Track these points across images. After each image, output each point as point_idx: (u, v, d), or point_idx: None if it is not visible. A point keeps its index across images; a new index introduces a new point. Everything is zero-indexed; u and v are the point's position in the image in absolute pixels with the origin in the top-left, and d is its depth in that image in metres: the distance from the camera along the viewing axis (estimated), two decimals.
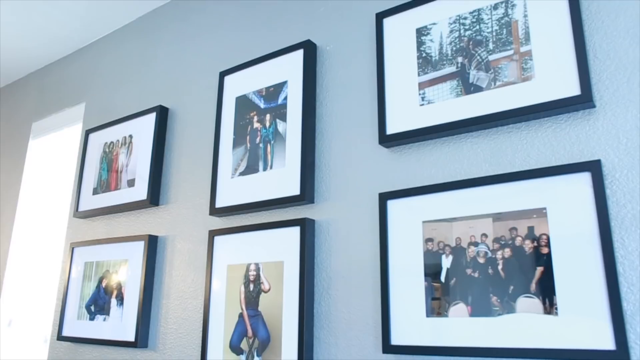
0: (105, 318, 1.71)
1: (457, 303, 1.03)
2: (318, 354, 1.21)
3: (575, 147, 1.00)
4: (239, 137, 1.50)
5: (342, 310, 1.20)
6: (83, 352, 1.78)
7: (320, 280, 1.26)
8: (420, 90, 1.19)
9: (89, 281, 1.81)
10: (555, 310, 0.93)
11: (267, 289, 1.31)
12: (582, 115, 1.01)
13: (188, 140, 1.70)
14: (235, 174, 1.47)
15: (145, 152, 1.77)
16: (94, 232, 1.91)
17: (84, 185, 1.97)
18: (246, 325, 1.33)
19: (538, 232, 0.98)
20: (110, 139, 1.94)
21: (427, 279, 1.08)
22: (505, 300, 0.98)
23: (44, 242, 2.39)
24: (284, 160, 1.37)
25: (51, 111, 2.38)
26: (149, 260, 1.64)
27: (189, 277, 1.54)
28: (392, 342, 1.09)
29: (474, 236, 1.04)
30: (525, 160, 1.05)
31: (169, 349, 1.53)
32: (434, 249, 1.08)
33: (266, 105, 1.47)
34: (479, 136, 1.12)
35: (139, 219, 1.76)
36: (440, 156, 1.16)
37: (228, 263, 1.41)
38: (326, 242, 1.27)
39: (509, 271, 0.99)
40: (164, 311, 1.58)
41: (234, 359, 1.33)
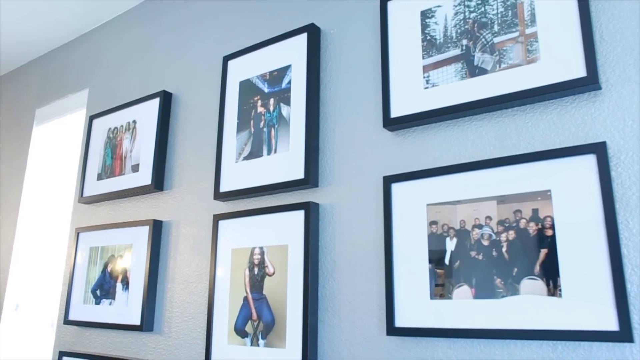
0: (111, 302, 1.72)
1: (461, 285, 1.03)
2: (322, 337, 1.22)
3: (580, 129, 1.00)
4: (243, 121, 1.50)
5: (347, 293, 1.21)
6: (89, 335, 1.80)
7: (325, 264, 1.26)
8: (425, 73, 1.19)
9: (95, 266, 1.82)
10: (559, 292, 0.93)
11: (272, 273, 1.31)
12: (588, 98, 1.00)
13: (192, 125, 1.70)
14: (240, 158, 1.47)
15: (149, 138, 1.77)
16: (98, 218, 1.92)
17: (88, 171, 1.98)
18: (251, 309, 1.34)
19: (542, 214, 0.98)
20: (114, 124, 1.94)
21: (431, 261, 1.08)
22: (509, 282, 0.98)
23: (50, 228, 2.41)
24: (288, 144, 1.37)
25: (54, 97, 2.38)
26: (154, 244, 1.65)
27: (193, 262, 1.55)
28: (396, 325, 1.09)
29: (478, 219, 1.04)
30: (529, 143, 1.05)
31: (175, 333, 1.54)
32: (438, 231, 1.09)
33: (270, 90, 1.47)
34: (483, 119, 1.11)
35: (143, 204, 1.77)
36: (444, 139, 1.15)
37: (232, 247, 1.42)
38: (330, 226, 1.28)
39: (513, 253, 0.99)
40: (169, 295, 1.59)
41: (238, 342, 1.34)
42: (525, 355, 0.96)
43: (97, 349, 1.75)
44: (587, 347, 0.91)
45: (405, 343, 1.10)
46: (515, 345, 0.98)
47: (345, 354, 1.18)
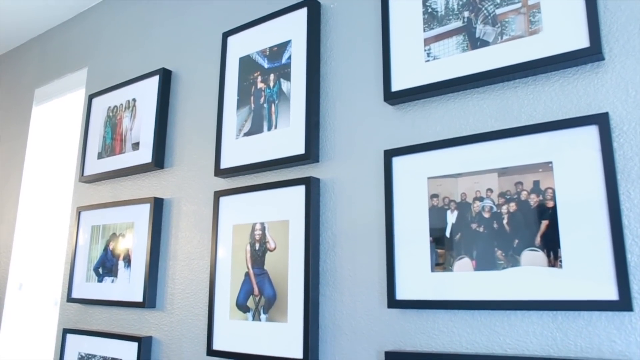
0: (113, 280, 1.73)
1: (462, 258, 1.04)
2: (324, 310, 1.23)
3: (582, 100, 0.99)
4: (243, 97, 1.49)
5: (348, 267, 1.21)
6: (92, 313, 1.81)
7: (326, 238, 1.26)
8: (426, 46, 1.17)
9: (96, 244, 1.83)
10: (559, 262, 0.94)
11: (273, 248, 1.32)
12: (591, 69, 0.99)
13: (192, 102, 1.69)
14: (240, 134, 1.47)
15: (149, 115, 1.77)
16: (99, 196, 1.92)
17: (88, 150, 1.97)
18: (252, 284, 1.34)
19: (544, 186, 0.97)
20: (114, 103, 1.93)
21: (432, 234, 1.08)
22: (509, 254, 0.99)
23: (51, 208, 2.41)
24: (288, 119, 1.36)
25: (53, 77, 2.37)
26: (155, 222, 1.65)
27: (195, 238, 1.56)
28: (397, 297, 1.10)
29: (479, 191, 1.04)
30: (531, 115, 1.04)
31: (177, 309, 1.55)
32: (439, 204, 1.09)
33: (270, 65, 1.45)
34: (485, 92, 1.11)
35: (144, 182, 1.77)
36: (445, 113, 1.15)
37: (234, 223, 1.42)
38: (331, 201, 1.28)
39: (514, 225, 0.99)
40: (171, 272, 1.60)
41: (240, 317, 1.35)
42: (526, 326, 0.97)
43: (101, 326, 1.77)
44: (586, 317, 0.92)
45: (406, 315, 1.11)
46: (516, 316, 0.98)
47: (347, 327, 1.19)
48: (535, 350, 0.96)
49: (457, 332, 1.04)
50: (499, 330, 1.00)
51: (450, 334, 1.05)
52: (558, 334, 0.94)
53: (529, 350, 0.96)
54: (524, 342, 0.97)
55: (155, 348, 1.58)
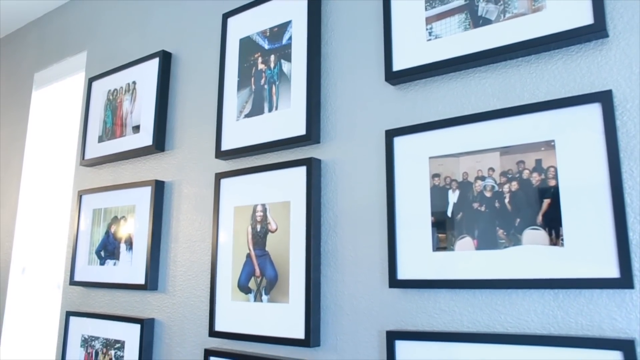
0: (116, 263, 1.74)
1: (464, 237, 1.04)
2: (325, 291, 1.23)
3: (586, 78, 0.98)
4: (244, 79, 1.48)
5: (349, 247, 1.22)
6: (95, 295, 1.82)
7: (327, 219, 1.26)
8: (428, 25, 1.16)
9: (98, 227, 1.83)
10: (561, 241, 0.93)
11: (274, 229, 1.32)
12: (595, 46, 0.98)
13: (192, 84, 1.68)
14: (241, 116, 1.46)
15: (150, 98, 1.76)
16: (100, 180, 1.92)
17: (89, 133, 1.97)
18: (254, 265, 1.35)
19: (546, 164, 0.97)
20: (114, 86, 1.92)
21: (434, 214, 1.08)
22: (511, 233, 0.98)
23: (53, 191, 2.42)
24: (289, 100, 1.36)
25: (53, 61, 2.35)
26: (156, 205, 1.65)
27: (196, 221, 1.56)
28: (398, 277, 1.10)
29: (480, 170, 1.04)
30: (534, 94, 1.03)
31: (179, 291, 1.56)
32: (441, 184, 1.08)
33: (270, 46, 1.44)
34: (487, 70, 1.10)
35: (145, 165, 1.77)
36: (447, 92, 1.14)
37: (235, 205, 1.42)
38: (332, 181, 1.27)
39: (516, 204, 0.99)
40: (172, 254, 1.60)
41: (242, 298, 1.35)
42: (527, 305, 0.97)
43: (104, 309, 1.78)
44: (587, 295, 0.92)
45: (407, 295, 1.11)
46: (517, 295, 0.98)
47: (348, 307, 1.19)
48: (536, 329, 0.96)
49: (459, 311, 1.05)
50: (500, 308, 1.00)
51: (452, 313, 1.05)
52: (559, 312, 0.94)
53: (530, 328, 0.97)
54: (525, 321, 0.97)
55: (158, 330, 1.59)
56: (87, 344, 1.76)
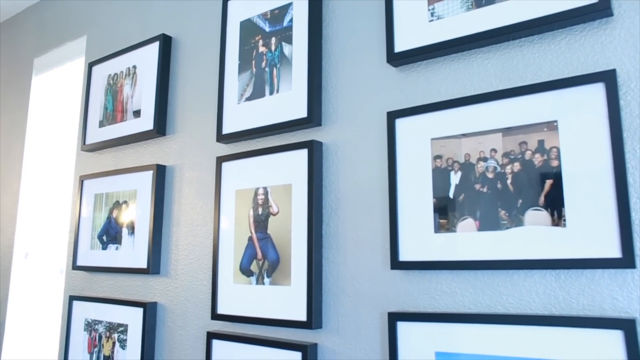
0: (118, 247, 1.74)
1: (465, 218, 1.03)
2: (327, 273, 1.24)
3: (589, 58, 0.97)
4: (245, 62, 1.47)
5: (351, 230, 1.22)
6: (98, 280, 1.83)
7: (329, 202, 1.26)
8: (430, 6, 1.15)
9: (100, 212, 1.84)
10: (563, 222, 0.93)
11: (276, 212, 1.32)
12: (599, 25, 0.97)
13: (193, 68, 1.67)
14: (242, 99, 1.45)
15: (150, 82, 1.75)
16: (102, 165, 1.92)
17: (89, 118, 1.96)
18: (256, 248, 1.35)
19: (548, 145, 0.97)
20: (114, 70, 1.91)
21: (436, 195, 1.08)
22: (513, 214, 0.98)
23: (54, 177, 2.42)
24: (290, 83, 1.35)
25: (52, 46, 2.34)
26: (158, 189, 1.65)
27: (198, 205, 1.56)
28: (400, 259, 1.10)
29: (483, 152, 1.03)
30: (537, 74, 1.02)
31: (181, 275, 1.56)
32: (443, 165, 1.08)
33: (271, 29, 1.43)
34: (489, 51, 1.09)
35: (146, 149, 1.76)
36: (449, 73, 1.13)
37: (236, 188, 1.42)
38: (334, 164, 1.27)
39: (518, 185, 0.98)
40: (174, 239, 1.60)
41: (244, 281, 1.36)
42: (528, 285, 0.97)
43: (106, 293, 1.79)
44: (589, 275, 0.92)
45: (409, 276, 1.11)
46: (519, 276, 0.99)
47: (350, 289, 1.19)
48: (537, 309, 0.96)
49: (460, 293, 1.05)
50: (502, 289, 1.00)
51: (453, 294, 1.06)
52: (560, 293, 0.94)
53: (531, 309, 0.97)
54: (527, 301, 0.97)
55: (160, 313, 1.60)
56: (90, 327, 1.77)
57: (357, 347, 1.17)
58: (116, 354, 1.66)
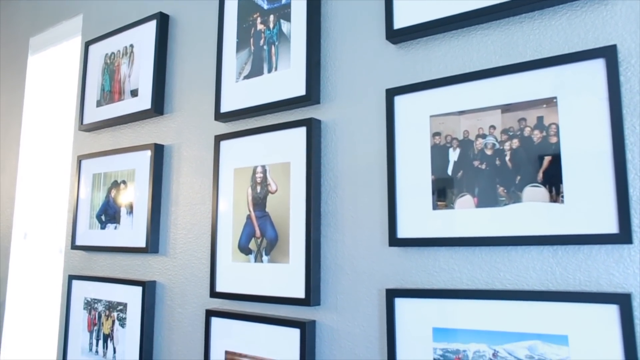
0: (116, 226, 1.74)
1: (464, 195, 1.04)
2: (325, 251, 1.24)
3: (590, 34, 0.97)
4: (243, 40, 1.46)
5: (349, 208, 1.22)
6: (97, 259, 1.84)
7: (327, 180, 1.26)
8: None
9: (98, 192, 1.84)
10: (561, 198, 0.93)
11: (274, 190, 1.32)
12: (600, 1, 0.96)
13: (190, 46, 1.66)
14: (240, 77, 1.44)
15: (147, 61, 1.74)
16: (100, 145, 1.91)
17: (87, 98, 1.95)
18: (254, 226, 1.35)
19: (547, 121, 0.96)
20: (111, 49, 1.90)
21: (434, 172, 1.08)
22: (511, 191, 0.98)
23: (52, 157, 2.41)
24: (288, 61, 1.34)
25: (48, 25, 2.31)
26: (156, 168, 1.65)
27: (196, 184, 1.56)
28: (398, 236, 1.11)
29: (482, 128, 1.03)
30: (537, 51, 1.02)
31: (180, 253, 1.57)
32: (441, 142, 1.08)
33: (269, 6, 1.42)
34: (489, 27, 1.08)
35: (144, 129, 1.76)
36: (449, 50, 1.12)
37: (235, 167, 1.42)
38: (333, 142, 1.27)
39: (517, 162, 0.98)
40: (173, 218, 1.61)
41: (242, 259, 1.36)
42: (526, 261, 0.98)
43: (105, 272, 1.79)
44: (586, 251, 0.93)
45: (407, 253, 1.12)
46: (516, 252, 0.99)
47: (348, 267, 1.20)
48: (534, 285, 0.97)
49: (458, 269, 1.05)
50: (499, 266, 1.01)
51: (451, 270, 1.06)
52: (557, 269, 0.95)
53: (528, 284, 0.97)
54: (524, 277, 0.98)
55: (159, 292, 1.61)
56: (90, 306, 1.78)
57: (355, 324, 1.18)
58: (116, 332, 1.68)
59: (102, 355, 1.70)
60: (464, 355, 1.00)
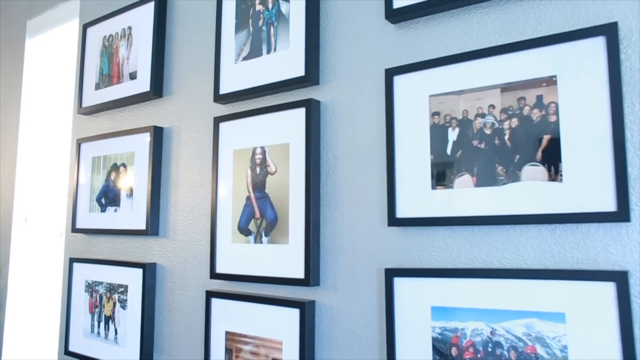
0: (116, 209, 1.75)
1: (463, 174, 1.04)
2: (325, 231, 1.25)
3: (591, 11, 0.96)
4: (241, 21, 1.45)
5: (348, 188, 1.22)
6: (97, 242, 1.84)
7: (327, 161, 1.26)
8: None
9: (98, 175, 1.84)
10: (560, 177, 0.94)
11: (274, 171, 1.32)
12: None
13: (189, 28, 1.65)
14: (239, 59, 1.44)
15: (146, 43, 1.73)
16: (99, 128, 1.91)
17: (85, 81, 1.94)
18: (254, 208, 1.35)
19: (547, 100, 0.96)
20: (109, 32, 1.89)
21: (433, 152, 1.08)
22: (510, 170, 0.98)
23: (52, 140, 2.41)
24: (287, 41, 1.33)
25: (45, 7, 2.30)
26: (156, 151, 1.65)
27: (195, 166, 1.56)
28: (397, 216, 1.11)
29: (481, 108, 1.03)
30: (537, 29, 1.01)
31: (180, 235, 1.57)
32: (441, 122, 1.08)
33: None
34: (489, 6, 1.07)
35: (143, 111, 1.75)
36: (448, 29, 1.12)
37: (234, 148, 1.42)
38: (332, 123, 1.26)
39: (516, 141, 0.98)
40: (173, 200, 1.61)
41: (242, 240, 1.37)
42: (524, 240, 0.98)
43: (106, 254, 1.80)
44: (584, 230, 0.93)
45: (406, 233, 1.12)
46: (515, 231, 0.99)
47: (347, 247, 1.21)
48: (532, 264, 0.97)
49: (456, 248, 1.06)
50: (498, 245, 1.01)
51: (450, 250, 1.07)
52: (555, 247, 0.95)
53: (526, 263, 0.98)
54: (522, 256, 0.99)
55: (160, 274, 1.62)
56: (91, 289, 1.79)
57: (355, 304, 1.19)
58: (117, 314, 1.69)
59: (104, 336, 1.72)
60: (462, 334, 1.01)
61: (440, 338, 1.03)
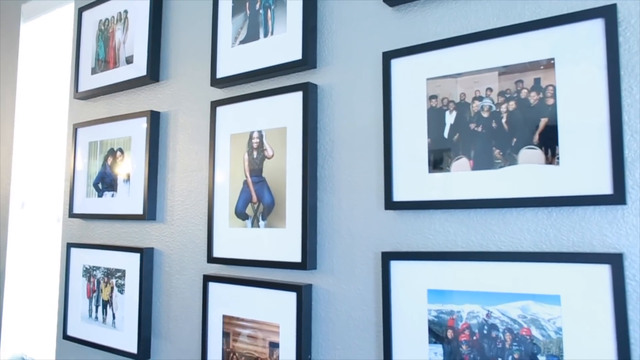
0: (113, 194, 1.75)
1: (460, 158, 1.04)
2: (321, 215, 1.25)
3: None
4: (238, 4, 1.44)
5: (345, 172, 1.22)
6: (95, 227, 1.84)
7: (324, 145, 1.26)
8: None
9: (95, 160, 1.83)
10: (556, 160, 0.94)
11: (271, 155, 1.32)
12: None
13: (185, 11, 1.64)
14: (236, 42, 1.43)
15: (142, 27, 1.71)
16: (95, 113, 1.90)
17: (81, 65, 1.93)
18: (251, 192, 1.35)
19: (545, 83, 0.96)
20: (105, 15, 1.87)
21: (430, 135, 1.08)
22: (507, 153, 0.98)
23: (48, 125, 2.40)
24: (285, 25, 1.32)
25: None
26: (152, 135, 1.64)
27: (192, 150, 1.55)
28: (394, 199, 1.11)
29: (478, 91, 1.03)
30: (535, 12, 1.00)
31: (177, 220, 1.57)
32: (438, 105, 1.07)
33: None
34: None
35: (139, 96, 1.74)
36: (446, 12, 1.11)
37: (231, 133, 1.41)
38: (329, 107, 1.26)
39: (513, 124, 0.98)
40: (170, 185, 1.61)
41: (239, 224, 1.37)
42: (520, 224, 0.99)
43: (103, 239, 1.80)
44: (580, 213, 0.93)
45: (402, 217, 1.12)
46: (511, 214, 1.00)
47: (344, 231, 1.21)
48: (528, 247, 0.98)
49: (453, 232, 1.06)
50: (494, 228, 1.02)
51: (446, 233, 1.07)
52: (551, 230, 0.96)
53: (522, 246, 0.98)
54: (518, 239, 0.99)
55: (157, 258, 1.62)
56: (88, 273, 1.79)
57: (351, 287, 1.19)
58: (115, 299, 1.69)
59: (102, 321, 1.73)
60: (458, 316, 1.02)
61: (436, 321, 1.04)
